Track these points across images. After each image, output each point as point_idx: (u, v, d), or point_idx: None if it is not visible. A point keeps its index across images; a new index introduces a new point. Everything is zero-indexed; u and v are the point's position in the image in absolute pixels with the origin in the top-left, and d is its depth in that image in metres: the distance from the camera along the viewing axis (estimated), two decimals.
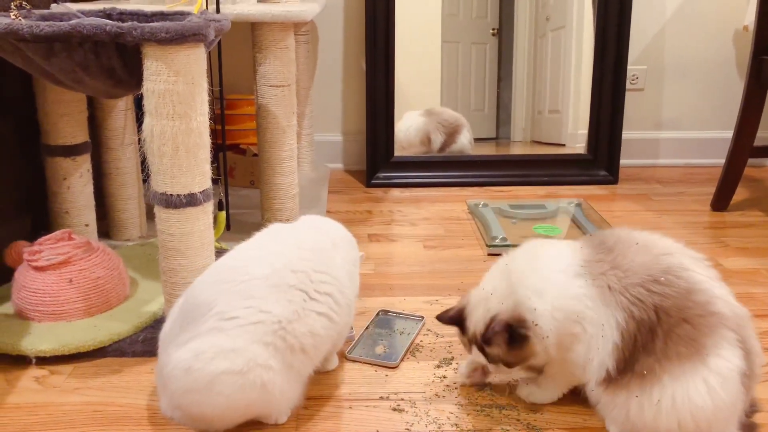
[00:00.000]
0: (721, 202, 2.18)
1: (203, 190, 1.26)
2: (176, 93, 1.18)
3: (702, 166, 2.66)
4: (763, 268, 1.76)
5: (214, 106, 1.31)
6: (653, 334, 1.01)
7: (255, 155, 2.19)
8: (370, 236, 1.99)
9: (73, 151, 1.61)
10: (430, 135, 2.57)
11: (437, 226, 2.08)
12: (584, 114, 2.52)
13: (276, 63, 1.69)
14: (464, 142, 2.60)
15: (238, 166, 2.29)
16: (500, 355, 1.10)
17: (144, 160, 1.25)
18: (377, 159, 2.47)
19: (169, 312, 1.16)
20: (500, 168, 2.52)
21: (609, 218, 2.06)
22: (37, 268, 1.35)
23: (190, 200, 1.24)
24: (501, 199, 2.31)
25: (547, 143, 2.67)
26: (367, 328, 1.43)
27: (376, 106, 2.43)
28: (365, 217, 2.15)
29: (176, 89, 1.18)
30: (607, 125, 2.48)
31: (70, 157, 1.61)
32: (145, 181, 1.50)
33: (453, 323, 1.19)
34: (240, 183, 2.30)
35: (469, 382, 1.23)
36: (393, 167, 2.49)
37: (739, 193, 2.23)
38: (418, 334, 1.42)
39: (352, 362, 1.31)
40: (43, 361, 1.28)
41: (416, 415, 1.16)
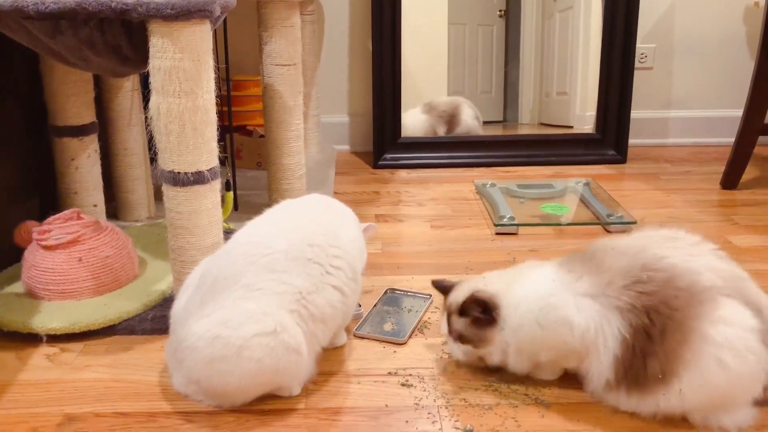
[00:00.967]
0: (730, 180, 2.16)
1: (210, 168, 1.26)
2: (182, 70, 1.17)
3: (711, 145, 2.64)
4: None
5: (220, 87, 1.30)
6: (650, 338, 1.01)
7: (262, 136, 2.19)
8: (378, 217, 1.99)
9: (80, 131, 1.61)
10: (435, 129, 2.57)
11: (444, 206, 2.07)
12: (592, 95, 2.50)
13: (282, 42, 1.68)
14: (467, 120, 2.59)
15: (245, 148, 2.29)
16: (463, 329, 1.15)
17: (151, 139, 1.25)
18: (384, 140, 2.46)
19: (181, 289, 1.17)
20: (508, 148, 2.51)
21: (617, 197, 2.05)
22: (47, 247, 1.36)
23: (198, 178, 1.24)
24: (508, 179, 2.30)
25: (554, 125, 2.65)
26: (375, 306, 1.44)
27: (383, 87, 2.42)
28: (372, 197, 2.15)
29: (182, 66, 1.17)
30: (615, 104, 2.46)
31: (78, 138, 1.61)
32: (153, 161, 1.50)
33: (440, 289, 1.26)
34: (247, 165, 2.30)
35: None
36: (400, 148, 2.48)
37: (749, 172, 2.22)
38: (426, 311, 1.42)
39: (361, 339, 1.32)
40: (54, 339, 1.29)
41: (424, 390, 1.16)
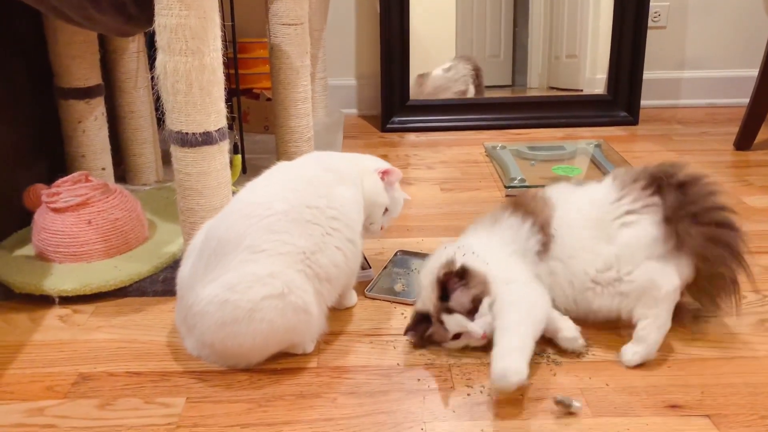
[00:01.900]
0: (744, 141, 2.13)
1: (219, 129, 1.25)
2: (188, 27, 1.15)
3: (725, 106, 2.60)
4: None
5: (226, 49, 1.28)
6: None
7: (269, 99, 2.17)
8: None
9: (86, 93, 1.60)
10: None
11: (454, 169, 2.05)
12: (602, 58, 2.46)
13: (288, 0, 1.65)
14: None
15: (251, 111, 2.27)
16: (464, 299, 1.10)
17: (158, 100, 1.24)
18: (392, 103, 2.44)
19: (185, 255, 1.17)
20: (518, 110, 2.48)
21: (629, 159, 2.03)
22: (56, 210, 1.36)
23: (206, 139, 1.23)
24: (519, 141, 2.28)
25: (564, 89, 2.61)
26: (385, 267, 1.43)
27: (391, 49, 2.38)
28: None
29: (188, 23, 1.15)
30: (627, 65, 2.41)
31: (84, 100, 1.60)
32: (161, 124, 1.48)
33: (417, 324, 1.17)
34: (254, 128, 2.28)
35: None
36: (409, 111, 2.45)
37: (764, 132, 2.18)
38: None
39: (372, 300, 1.32)
40: (66, 300, 1.30)
41: (436, 350, 1.16)
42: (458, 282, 1.11)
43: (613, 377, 1.08)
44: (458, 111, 2.47)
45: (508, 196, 1.83)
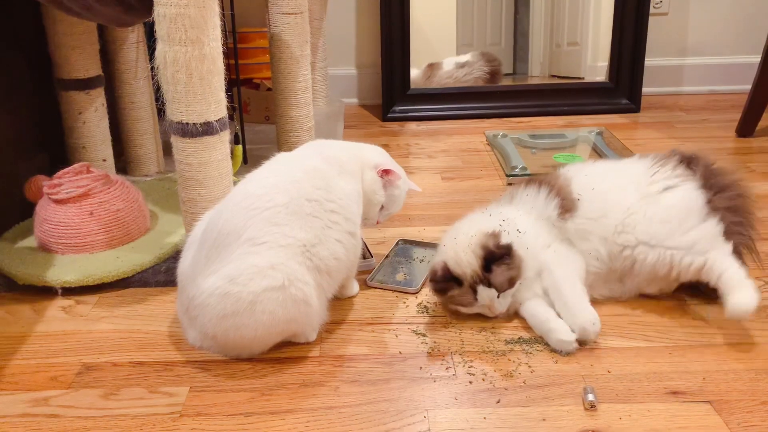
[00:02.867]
0: (746, 127, 2.12)
1: (219, 119, 1.24)
2: (188, 17, 1.15)
3: (727, 93, 2.59)
4: None
5: (226, 39, 1.27)
6: None
7: (269, 90, 2.16)
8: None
9: (86, 84, 1.60)
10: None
11: (455, 158, 2.05)
12: (604, 45, 2.44)
13: None
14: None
15: (252, 101, 2.27)
16: (502, 276, 1.15)
17: (158, 90, 1.24)
18: (393, 92, 2.43)
19: (185, 247, 1.17)
20: (519, 98, 2.47)
21: (631, 146, 2.02)
22: (58, 201, 1.36)
23: (207, 129, 1.23)
24: (520, 129, 2.27)
25: (565, 77, 2.60)
26: (387, 256, 1.43)
27: (392, 38, 2.37)
28: None
29: (188, 13, 1.15)
30: (629, 52, 2.40)
31: (84, 91, 1.60)
32: (161, 115, 1.48)
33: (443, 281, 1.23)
34: (255, 119, 2.27)
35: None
36: (409, 100, 2.45)
37: (766, 119, 2.17)
38: None
39: (374, 289, 1.32)
40: (69, 291, 1.31)
41: (437, 338, 1.16)
42: (503, 259, 1.15)
43: (615, 364, 1.08)
44: (459, 100, 2.47)
45: (509, 184, 1.82)
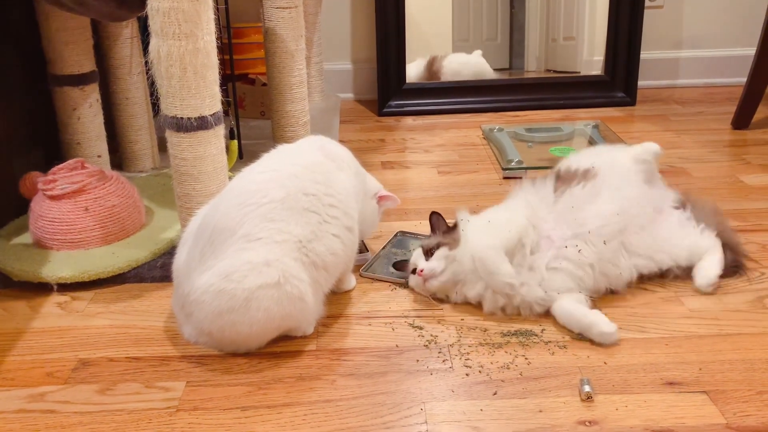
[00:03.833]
0: (742, 119, 2.13)
1: (214, 113, 1.24)
2: (181, 11, 1.14)
3: (723, 86, 2.59)
4: None
5: (221, 34, 1.27)
6: None
7: (264, 85, 2.16)
8: (384, 164, 1.97)
9: (80, 80, 1.59)
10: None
11: (451, 152, 2.05)
12: (600, 39, 2.44)
13: None
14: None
15: (247, 97, 2.26)
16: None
17: (152, 85, 1.23)
18: (389, 87, 2.42)
19: (180, 242, 1.16)
20: (515, 92, 2.47)
21: (627, 139, 2.02)
22: (53, 198, 1.36)
23: (201, 123, 1.22)
24: (516, 123, 2.27)
25: (561, 72, 2.59)
26: (384, 247, 1.43)
27: (387, 32, 2.37)
28: (378, 145, 2.13)
29: (181, 7, 1.14)
30: (624, 45, 2.40)
31: (78, 87, 1.59)
32: (156, 111, 1.48)
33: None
34: (250, 114, 2.27)
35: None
36: (405, 95, 2.44)
37: (761, 111, 2.17)
38: None
39: (371, 283, 1.32)
40: (64, 287, 1.30)
41: (434, 331, 1.16)
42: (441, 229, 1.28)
43: (611, 355, 1.08)
44: (455, 94, 2.46)
45: (505, 178, 1.82)
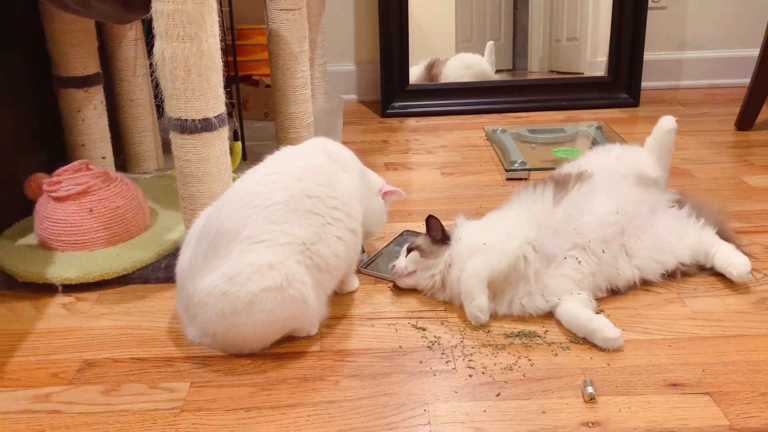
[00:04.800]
0: (745, 121, 2.12)
1: (218, 115, 1.24)
2: (186, 13, 1.15)
3: (726, 87, 2.59)
4: None
5: (225, 35, 1.27)
6: None
7: (268, 86, 2.16)
8: (387, 165, 1.97)
9: (85, 82, 1.59)
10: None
11: (454, 153, 2.05)
12: (603, 40, 2.44)
13: None
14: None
15: (251, 98, 2.27)
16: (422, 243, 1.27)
17: (157, 87, 1.24)
18: (392, 88, 2.43)
19: (183, 244, 1.17)
20: (518, 94, 2.47)
21: (630, 141, 2.02)
22: (58, 199, 1.36)
23: (205, 125, 1.23)
24: (519, 124, 2.27)
25: (565, 73, 2.59)
26: (387, 245, 1.43)
27: (390, 34, 2.37)
28: (381, 146, 2.13)
29: (185, 9, 1.15)
30: (628, 46, 2.40)
31: (83, 89, 1.60)
32: (160, 113, 1.48)
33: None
34: (254, 116, 2.27)
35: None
36: (408, 96, 2.44)
37: (765, 112, 2.17)
38: None
39: (373, 283, 1.32)
40: (69, 288, 1.31)
41: (437, 332, 1.17)
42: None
43: (614, 357, 1.08)
44: (458, 95, 2.47)
45: (508, 179, 1.83)
